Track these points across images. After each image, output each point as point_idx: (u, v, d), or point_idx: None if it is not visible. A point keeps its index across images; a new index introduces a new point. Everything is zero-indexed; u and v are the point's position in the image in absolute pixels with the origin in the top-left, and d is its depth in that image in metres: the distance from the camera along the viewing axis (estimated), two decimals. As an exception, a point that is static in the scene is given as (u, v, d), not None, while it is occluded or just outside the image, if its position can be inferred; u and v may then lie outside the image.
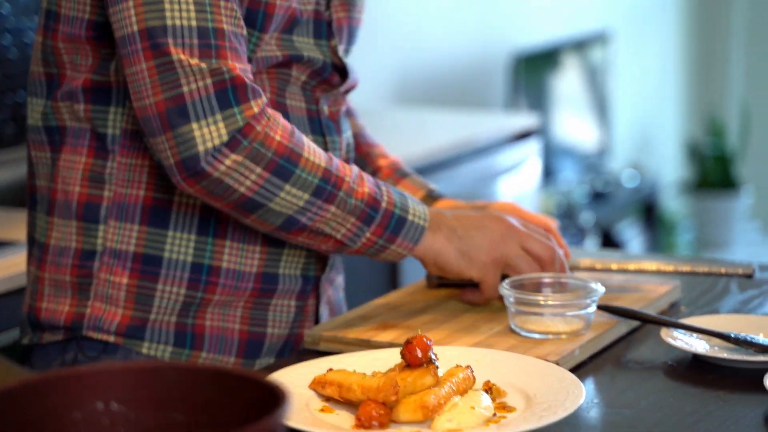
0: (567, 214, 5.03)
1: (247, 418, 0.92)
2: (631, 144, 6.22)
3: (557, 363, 1.48)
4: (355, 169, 1.61)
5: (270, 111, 1.54)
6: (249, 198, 1.52)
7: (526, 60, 4.91)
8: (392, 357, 1.43)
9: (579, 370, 1.52)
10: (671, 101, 6.66)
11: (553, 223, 1.78)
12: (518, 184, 3.84)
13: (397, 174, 1.87)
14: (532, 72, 4.98)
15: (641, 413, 1.38)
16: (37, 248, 1.67)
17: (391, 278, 3.27)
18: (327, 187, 1.55)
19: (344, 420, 1.32)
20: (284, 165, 1.52)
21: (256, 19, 1.59)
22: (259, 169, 1.51)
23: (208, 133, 1.49)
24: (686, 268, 1.82)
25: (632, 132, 6.24)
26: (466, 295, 1.70)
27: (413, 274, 3.19)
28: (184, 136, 1.49)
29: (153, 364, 0.97)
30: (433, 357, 1.34)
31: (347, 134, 1.78)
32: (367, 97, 4.36)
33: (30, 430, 0.94)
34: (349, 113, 1.89)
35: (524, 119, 3.97)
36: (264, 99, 1.53)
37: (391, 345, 1.55)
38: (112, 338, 1.62)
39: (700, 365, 1.53)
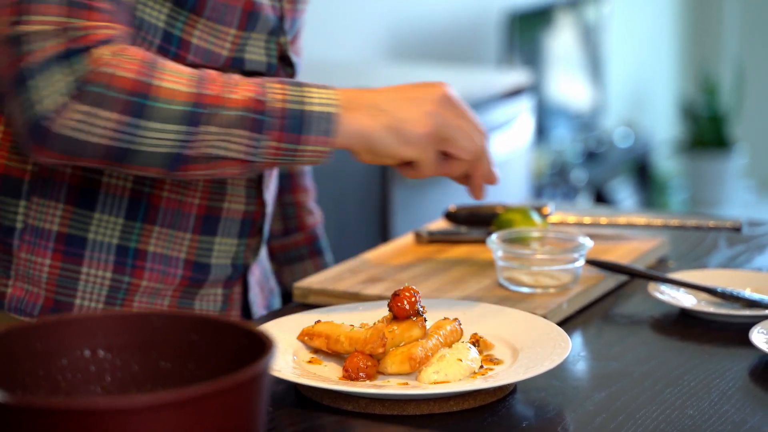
0: (560, 173, 5.03)
1: (233, 366, 0.92)
2: (625, 103, 6.21)
3: (545, 316, 1.49)
4: (230, 76, 1.42)
5: (122, 51, 1.38)
6: (110, 147, 1.37)
7: (520, 17, 4.90)
8: (380, 309, 1.43)
9: (567, 323, 1.53)
10: (665, 60, 6.65)
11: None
12: (510, 140, 3.84)
13: (313, 247, 1.86)
14: (526, 30, 4.97)
15: (628, 367, 1.39)
16: None
17: (381, 231, 3.27)
18: (196, 110, 1.38)
19: (332, 371, 1.33)
20: (135, 101, 1.37)
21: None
22: (107, 113, 1.36)
23: (53, 92, 1.36)
24: (675, 222, 1.82)
25: (626, 91, 6.23)
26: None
27: (403, 228, 3.20)
28: (28, 98, 1.37)
29: (139, 312, 0.97)
30: (421, 309, 1.35)
31: None
32: (359, 52, 4.35)
33: (17, 376, 0.95)
34: None
35: (517, 76, 3.96)
36: (118, 46, 1.39)
37: (379, 298, 1.56)
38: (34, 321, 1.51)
39: (687, 319, 1.54)
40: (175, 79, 1.38)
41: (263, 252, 1.76)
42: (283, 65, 1.61)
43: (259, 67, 1.57)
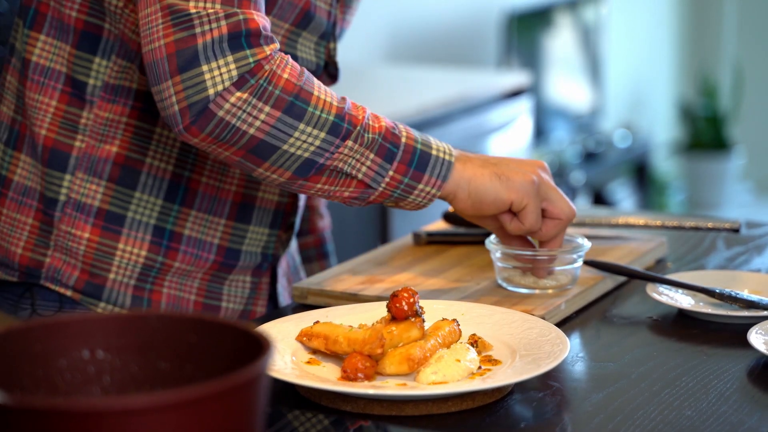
0: (558, 174, 5.04)
1: (231, 367, 0.93)
2: (624, 104, 6.22)
3: (543, 317, 1.49)
4: (368, 109, 1.52)
5: (281, 53, 1.47)
6: (260, 140, 1.44)
7: (519, 18, 4.90)
8: (379, 310, 1.44)
9: (565, 324, 1.53)
10: (664, 61, 6.65)
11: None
12: (509, 142, 3.84)
13: (321, 250, 1.92)
14: (524, 31, 4.97)
15: (626, 367, 1.39)
16: None
17: (380, 233, 3.27)
18: (342, 124, 1.47)
19: (330, 372, 1.33)
20: (295, 103, 1.44)
21: None
22: (267, 108, 1.43)
23: (218, 76, 1.41)
24: (673, 223, 1.83)
25: (625, 92, 6.23)
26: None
27: (402, 229, 3.20)
28: (194, 79, 1.41)
29: (138, 313, 0.97)
30: (419, 310, 1.35)
31: None
32: (359, 54, 4.35)
33: (17, 377, 0.95)
34: None
35: (516, 77, 3.96)
36: (277, 45, 1.47)
37: (378, 299, 1.56)
38: (69, 292, 1.60)
39: (685, 320, 1.54)
40: (325, 93, 1.47)
41: (293, 245, 1.82)
42: (327, 72, 1.69)
43: (310, 66, 1.64)
